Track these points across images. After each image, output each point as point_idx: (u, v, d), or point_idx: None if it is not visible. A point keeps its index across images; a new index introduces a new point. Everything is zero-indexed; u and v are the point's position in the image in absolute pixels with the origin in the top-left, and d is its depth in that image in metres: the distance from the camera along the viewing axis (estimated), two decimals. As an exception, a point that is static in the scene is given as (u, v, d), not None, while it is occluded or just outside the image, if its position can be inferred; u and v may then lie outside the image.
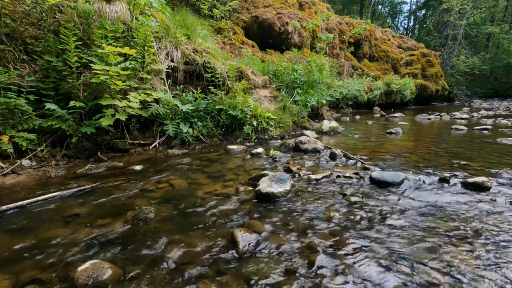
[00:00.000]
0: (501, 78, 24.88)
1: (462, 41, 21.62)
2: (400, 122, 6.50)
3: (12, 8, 2.61)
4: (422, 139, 4.05)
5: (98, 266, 1.06)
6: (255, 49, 7.97)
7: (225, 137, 3.70)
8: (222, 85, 4.02)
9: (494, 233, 1.35)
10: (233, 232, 1.32)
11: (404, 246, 1.24)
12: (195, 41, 4.41)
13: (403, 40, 15.80)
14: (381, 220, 1.49)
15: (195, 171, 2.34)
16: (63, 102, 2.62)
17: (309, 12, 10.79)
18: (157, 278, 1.04)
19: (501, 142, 3.72)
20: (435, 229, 1.39)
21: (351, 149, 3.22)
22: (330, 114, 7.50)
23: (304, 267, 1.11)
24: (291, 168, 2.35)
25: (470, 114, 8.69)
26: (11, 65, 2.53)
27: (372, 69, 12.65)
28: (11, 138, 2.27)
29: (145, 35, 3.07)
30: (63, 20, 2.76)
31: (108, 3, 3.22)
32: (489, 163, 2.58)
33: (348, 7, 32.46)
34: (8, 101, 2.23)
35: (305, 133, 4.03)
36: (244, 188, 1.93)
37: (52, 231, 1.37)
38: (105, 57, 2.67)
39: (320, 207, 1.65)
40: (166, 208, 1.63)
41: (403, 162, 2.61)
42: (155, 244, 1.26)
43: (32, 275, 1.06)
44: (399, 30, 39.45)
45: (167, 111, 3.30)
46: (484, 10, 22.23)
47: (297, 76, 5.10)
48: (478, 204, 1.69)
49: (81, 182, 2.04)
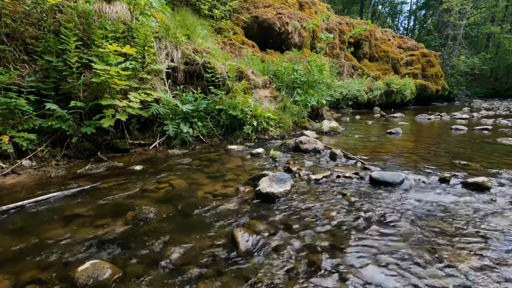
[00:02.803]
0: (501, 78, 24.87)
1: (462, 41, 21.59)
2: (400, 122, 6.50)
3: (12, 8, 2.61)
4: (422, 139, 4.05)
5: (98, 266, 1.06)
6: (255, 49, 7.97)
7: (225, 137, 3.70)
8: (222, 85, 4.02)
9: (494, 233, 1.36)
10: (233, 232, 1.32)
11: (404, 246, 1.24)
12: (195, 41, 4.41)
13: (403, 40, 15.79)
14: (381, 220, 1.49)
15: (195, 171, 2.34)
16: (63, 102, 2.62)
17: (309, 12, 10.78)
18: (157, 278, 1.04)
19: (501, 142, 3.72)
20: (435, 229, 1.39)
21: (351, 149, 3.22)
22: (330, 114, 7.50)
23: (304, 267, 1.11)
24: (291, 168, 2.35)
25: (470, 114, 8.68)
26: (12, 65, 2.53)
27: (372, 69, 12.65)
28: (12, 138, 2.27)
29: (145, 35, 3.08)
30: (63, 20, 2.76)
31: (108, 3, 3.23)
32: (489, 163, 2.58)
33: (348, 7, 32.44)
34: (9, 101, 2.23)
35: (305, 133, 4.02)
36: (244, 188, 1.93)
37: (52, 231, 1.37)
38: (105, 57, 2.67)
39: (320, 207, 1.65)
40: (166, 208, 1.63)
41: (403, 162, 2.61)
42: (155, 244, 1.26)
43: (32, 275, 1.06)
44: (399, 30, 39.41)
45: (167, 111, 3.30)
46: (484, 10, 22.24)
47: (297, 76, 5.10)
48: (478, 204, 1.69)
49: (81, 182, 2.04)
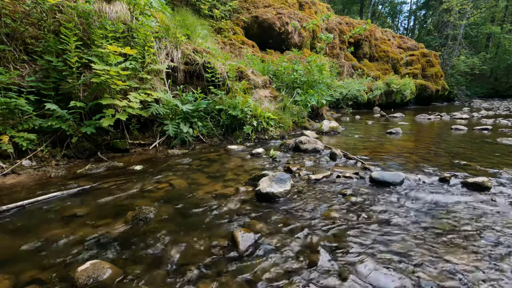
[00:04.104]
0: (501, 78, 24.88)
1: (462, 41, 21.59)
2: (400, 122, 6.50)
3: (12, 8, 2.61)
4: (422, 139, 4.05)
5: (98, 266, 1.06)
6: (255, 49, 7.97)
7: (225, 137, 3.70)
8: (222, 85, 4.02)
9: (494, 233, 1.35)
10: (233, 232, 1.32)
11: (404, 246, 1.24)
12: (195, 41, 4.41)
13: (403, 40, 15.80)
14: (381, 220, 1.49)
15: (195, 171, 2.34)
16: (63, 102, 2.62)
17: (309, 12, 10.78)
18: (157, 278, 1.04)
19: (501, 142, 3.72)
20: (435, 229, 1.39)
21: (351, 149, 3.22)
22: (330, 114, 7.50)
23: (304, 267, 1.11)
24: (291, 168, 2.35)
25: (470, 114, 8.68)
26: (12, 65, 2.53)
27: (372, 69, 12.65)
28: (11, 138, 2.27)
29: (145, 35, 3.08)
30: (63, 20, 2.76)
31: (108, 3, 3.23)
32: (489, 163, 2.58)
33: (348, 7, 32.44)
34: (9, 101, 2.23)
35: (305, 133, 4.02)
36: (244, 188, 1.93)
37: (52, 231, 1.37)
38: (105, 57, 2.67)
39: (320, 207, 1.65)
40: (166, 208, 1.63)
41: (403, 162, 2.61)
42: (155, 244, 1.26)
43: (32, 275, 1.06)
44: (399, 30, 39.43)
45: (167, 111, 3.30)
46: (484, 10, 22.23)
47: (297, 76, 5.10)
48: (478, 204, 1.69)
49: (81, 182, 2.04)
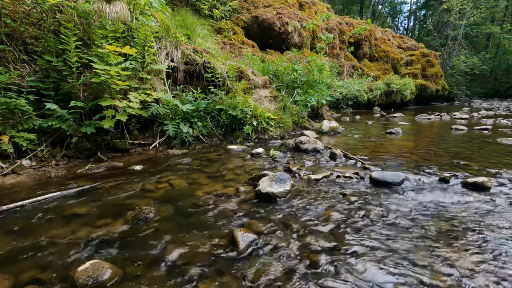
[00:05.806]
0: (501, 78, 24.89)
1: (462, 41, 21.59)
2: (400, 122, 6.50)
3: (12, 8, 2.61)
4: (422, 139, 4.05)
5: (98, 266, 1.06)
6: (255, 49, 7.97)
7: (225, 137, 3.69)
8: (222, 85, 4.02)
9: (494, 233, 1.35)
10: (233, 232, 1.32)
11: (404, 246, 1.24)
12: (195, 41, 4.41)
13: (403, 40, 15.81)
14: (381, 220, 1.49)
15: (195, 171, 2.34)
16: (63, 102, 2.62)
17: (309, 12, 10.79)
18: (157, 278, 1.04)
19: (501, 142, 3.72)
20: (435, 229, 1.39)
21: (351, 149, 3.22)
22: (330, 114, 7.50)
23: (304, 267, 1.11)
24: (291, 168, 2.35)
25: (470, 114, 8.67)
26: (11, 65, 2.53)
27: (372, 69, 12.65)
28: (11, 138, 2.27)
29: (145, 35, 3.08)
30: (63, 20, 2.76)
31: (108, 3, 3.23)
32: (489, 163, 2.58)
33: (348, 7, 32.45)
34: (9, 101, 2.23)
35: (305, 133, 4.03)
36: (244, 188, 1.93)
37: (52, 231, 1.37)
38: (105, 57, 2.67)
39: (320, 207, 1.65)
40: (166, 208, 1.63)
41: (403, 162, 2.61)
42: (155, 244, 1.26)
43: (32, 275, 1.06)
44: (399, 30, 39.45)
45: (167, 111, 3.30)
46: (484, 10, 22.22)
47: (297, 76, 5.09)
48: (478, 204, 1.69)
49: (81, 182, 2.04)
